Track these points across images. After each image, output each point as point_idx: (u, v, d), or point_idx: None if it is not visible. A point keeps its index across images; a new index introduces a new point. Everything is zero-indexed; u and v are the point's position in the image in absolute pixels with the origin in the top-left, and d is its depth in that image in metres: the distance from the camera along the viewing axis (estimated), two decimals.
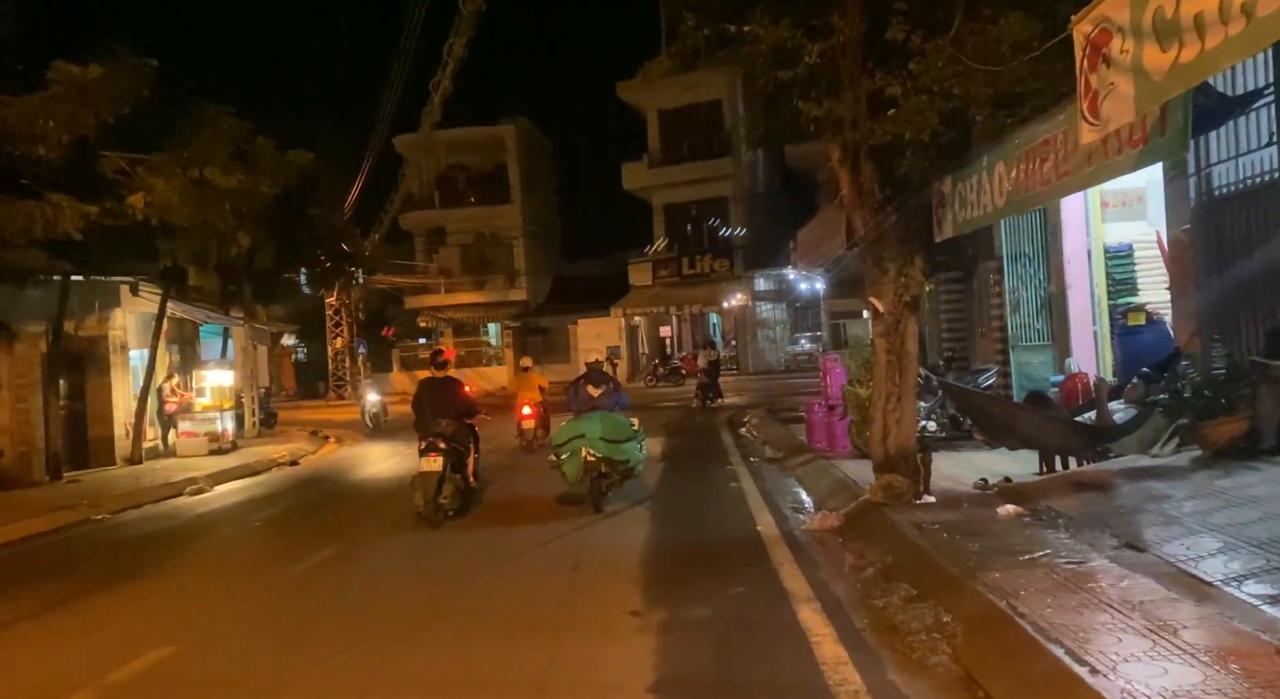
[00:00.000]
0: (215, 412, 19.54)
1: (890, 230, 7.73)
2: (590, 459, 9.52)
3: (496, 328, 46.31)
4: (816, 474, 10.68)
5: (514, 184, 43.69)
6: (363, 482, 14.38)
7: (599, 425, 9.73)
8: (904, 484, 7.90)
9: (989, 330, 14.22)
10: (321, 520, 10.71)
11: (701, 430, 18.64)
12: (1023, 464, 9.58)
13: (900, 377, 7.95)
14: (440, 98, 18.98)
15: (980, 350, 14.88)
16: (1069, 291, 10.60)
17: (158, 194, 12.35)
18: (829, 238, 9.42)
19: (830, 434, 12.00)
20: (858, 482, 9.45)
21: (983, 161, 6.55)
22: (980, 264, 14.45)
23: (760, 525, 8.41)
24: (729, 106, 39.72)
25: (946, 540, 6.51)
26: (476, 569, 7.51)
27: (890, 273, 7.81)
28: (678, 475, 12.20)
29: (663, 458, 14.25)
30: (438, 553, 8.43)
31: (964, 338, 15.59)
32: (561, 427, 10.32)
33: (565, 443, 9.79)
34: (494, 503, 10.64)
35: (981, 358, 14.82)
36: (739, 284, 38.71)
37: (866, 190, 7.71)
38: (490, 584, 6.99)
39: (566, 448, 9.74)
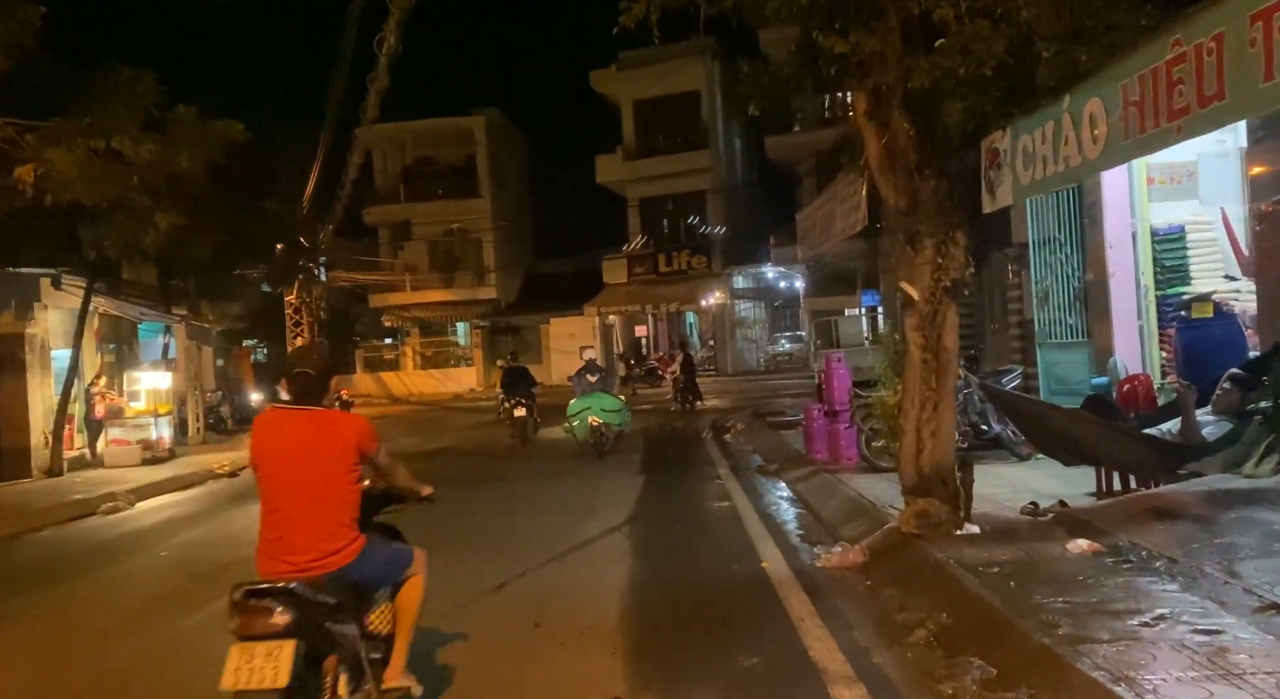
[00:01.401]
0: (149, 417, 17.80)
1: (928, 199, 6.27)
2: (594, 423, 13.87)
3: (465, 327, 44.58)
4: (822, 491, 9.20)
5: (483, 177, 42.04)
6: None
7: (599, 401, 14.11)
8: (942, 511, 6.44)
9: (1003, 326, 12.84)
10: (238, 549, 9.08)
11: (684, 437, 17.15)
12: (1066, 482, 8.15)
13: (937, 379, 6.48)
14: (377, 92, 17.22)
15: (993, 349, 13.51)
16: (1110, 281, 9.21)
17: (54, 166, 10.69)
18: (842, 215, 8.05)
19: (834, 443, 10.55)
20: (875, 503, 7.99)
21: (1062, 103, 5.13)
22: (993, 252, 13.05)
23: (765, 560, 6.91)
24: (706, 97, 38.34)
25: (1016, 591, 5.04)
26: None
27: (926, 251, 6.35)
28: (661, 492, 10.69)
29: (642, 469, 12.75)
30: None
31: (973, 335, 14.18)
32: (572, 402, 14.30)
33: (576, 413, 14.01)
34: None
35: (994, 357, 13.43)
36: (717, 282, 37.32)
37: (900, 149, 6.24)
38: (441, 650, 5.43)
39: (577, 417, 13.97)
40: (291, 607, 3.42)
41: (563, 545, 7.78)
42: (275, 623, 3.39)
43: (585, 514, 9.24)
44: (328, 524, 3.72)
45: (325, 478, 3.74)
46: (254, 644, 3.37)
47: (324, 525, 3.71)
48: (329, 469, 3.75)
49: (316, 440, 3.75)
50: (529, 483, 11.99)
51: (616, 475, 12.00)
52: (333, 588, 3.66)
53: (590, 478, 11.71)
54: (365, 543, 3.84)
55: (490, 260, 42.48)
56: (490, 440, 18.00)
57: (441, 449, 17.72)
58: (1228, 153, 9.08)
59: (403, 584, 4.09)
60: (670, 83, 37.78)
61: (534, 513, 9.60)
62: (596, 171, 39.03)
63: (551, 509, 9.69)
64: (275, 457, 3.77)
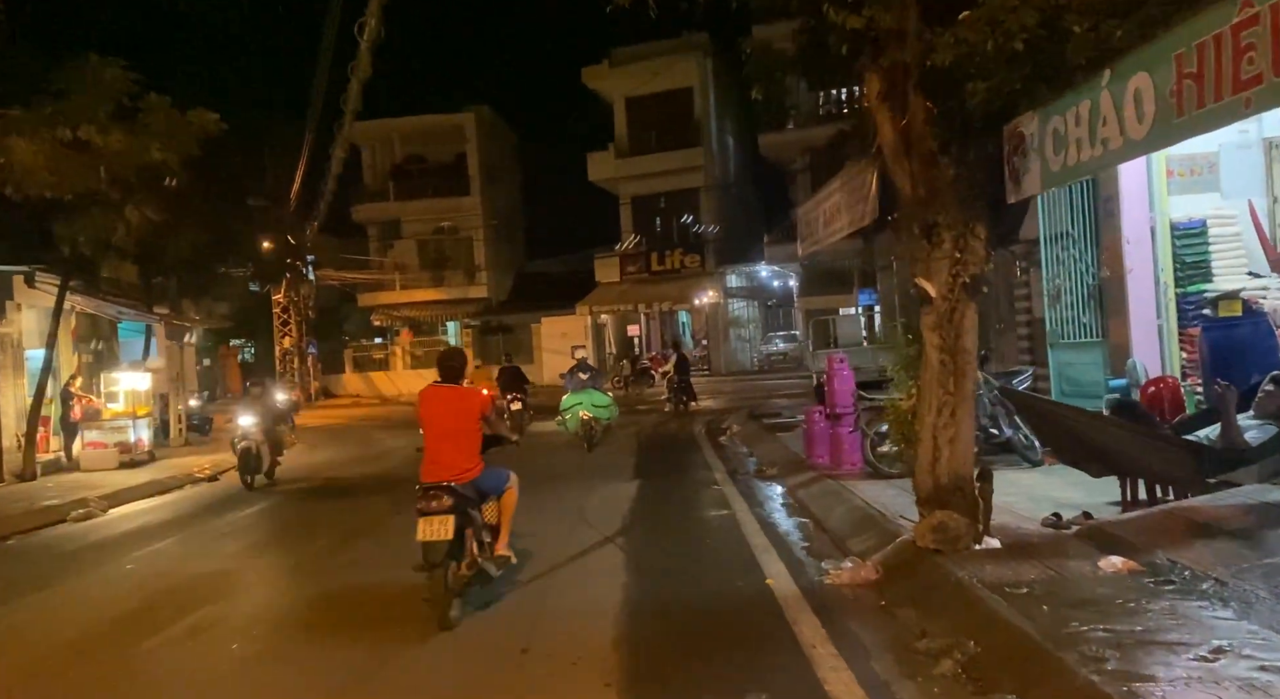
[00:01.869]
0: (128, 419, 17.25)
1: (946, 188, 5.81)
2: (585, 417, 14.87)
3: (456, 326, 44.04)
4: (826, 499, 8.74)
5: (474, 175, 41.52)
6: (288, 504, 12.22)
7: (589, 397, 15.08)
8: (960, 524, 5.98)
9: (1010, 326, 12.40)
10: (208, 561, 8.59)
11: (677, 440, 16.67)
12: (1085, 490, 7.71)
13: (955, 382, 6.03)
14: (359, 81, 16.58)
15: (999, 349, 13.07)
16: (1128, 278, 8.76)
17: (16, 156, 10.14)
18: (848, 208, 7.59)
19: (836, 448, 10.10)
20: (884, 513, 7.54)
21: (1101, 80, 4.67)
22: (999, 249, 12.60)
23: (770, 576, 6.44)
24: (699, 94, 37.88)
25: (1050, 616, 4.58)
26: (386, 655, 5.46)
27: (944, 245, 5.89)
28: (656, 499, 10.20)
29: (636, 474, 12.28)
30: (342, 611, 6.38)
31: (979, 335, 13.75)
32: (564, 398, 15.32)
33: (568, 408, 15.06)
34: None
35: (1000, 357, 12.99)
36: (710, 281, 36.86)
37: (917, 134, 5.77)
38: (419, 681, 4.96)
39: (569, 411, 15.00)
40: (449, 495, 5.78)
41: (553, 559, 7.31)
42: (443, 503, 5.75)
43: (577, 523, 8.77)
44: (463, 454, 6.09)
45: (461, 426, 6.13)
46: (431, 517, 5.71)
47: (461, 454, 6.08)
48: (464, 422, 6.14)
49: (457, 404, 6.17)
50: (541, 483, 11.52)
51: (609, 481, 11.52)
52: (460, 492, 5.88)
53: (582, 483, 11.23)
54: (484, 466, 6.23)
55: (481, 259, 41.97)
56: None
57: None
58: (1251, 144, 8.67)
59: (504, 492, 6.42)
60: (663, 79, 37.32)
61: (522, 521, 9.10)
62: (588, 169, 38.52)
63: (541, 517, 9.19)
64: (434, 413, 6.15)
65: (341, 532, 9.55)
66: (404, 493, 8.65)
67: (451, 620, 5.63)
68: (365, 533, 9.38)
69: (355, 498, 12.08)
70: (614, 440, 16.38)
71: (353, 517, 10.38)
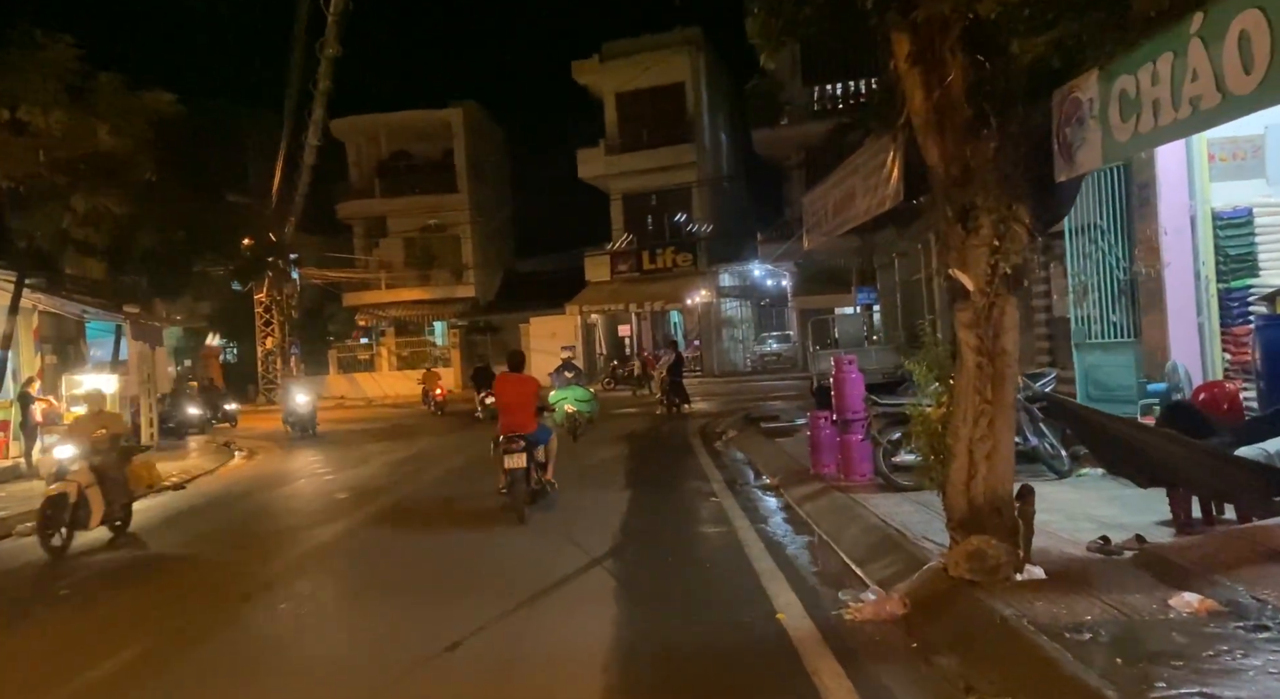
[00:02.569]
0: None
1: (985, 165, 5.03)
2: (570, 410, 16.38)
3: (442, 326, 43.17)
4: (837, 515, 7.95)
5: (461, 172, 40.72)
6: (243, 520, 11.36)
7: (573, 393, 16.73)
8: (1000, 551, 5.20)
9: (1027, 325, 11.64)
10: (148, 584, 7.77)
11: (671, 445, 15.88)
12: (1125, 506, 6.98)
13: (994, 388, 5.25)
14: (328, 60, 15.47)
15: None
16: (1165, 272, 8.00)
17: None
18: (865, 193, 6.83)
19: (845, 457, 9.31)
20: (904, 532, 6.76)
21: (1188, 26, 3.88)
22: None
23: (780, 609, 5.64)
24: (691, 90, 37.12)
25: (1127, 673, 3.79)
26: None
27: (983, 230, 5.11)
28: (649, 513, 9.39)
29: (628, 483, 11.47)
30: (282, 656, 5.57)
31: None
32: (552, 393, 15.90)
33: (555, 402, 15.73)
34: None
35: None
36: (703, 280, 36.12)
37: (953, 101, 4.99)
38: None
39: (556, 404, 15.73)
40: (522, 440, 9.15)
41: (533, 586, 6.50)
42: (518, 446, 9.11)
43: (562, 541, 7.96)
44: (527, 416, 9.49)
45: (525, 400, 9.55)
46: (512, 453, 9.08)
47: (526, 417, 9.46)
48: (527, 397, 9.58)
49: (521, 387, 9.66)
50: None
51: (599, 490, 10.72)
52: (528, 439, 9.25)
53: (570, 493, 10.44)
54: (539, 424, 9.72)
55: (468, 257, 41.14)
56: (460, 446, 16.71)
57: (411, 456, 16.39)
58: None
59: (549, 441, 9.93)
60: (654, 74, 36.58)
61: (501, 540, 8.31)
62: (578, 166, 37.74)
63: (523, 535, 8.40)
64: (506, 391, 9.66)
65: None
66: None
67: (524, 517, 8.90)
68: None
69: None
70: (604, 444, 15.61)
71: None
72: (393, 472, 14.44)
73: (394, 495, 11.77)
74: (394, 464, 15.36)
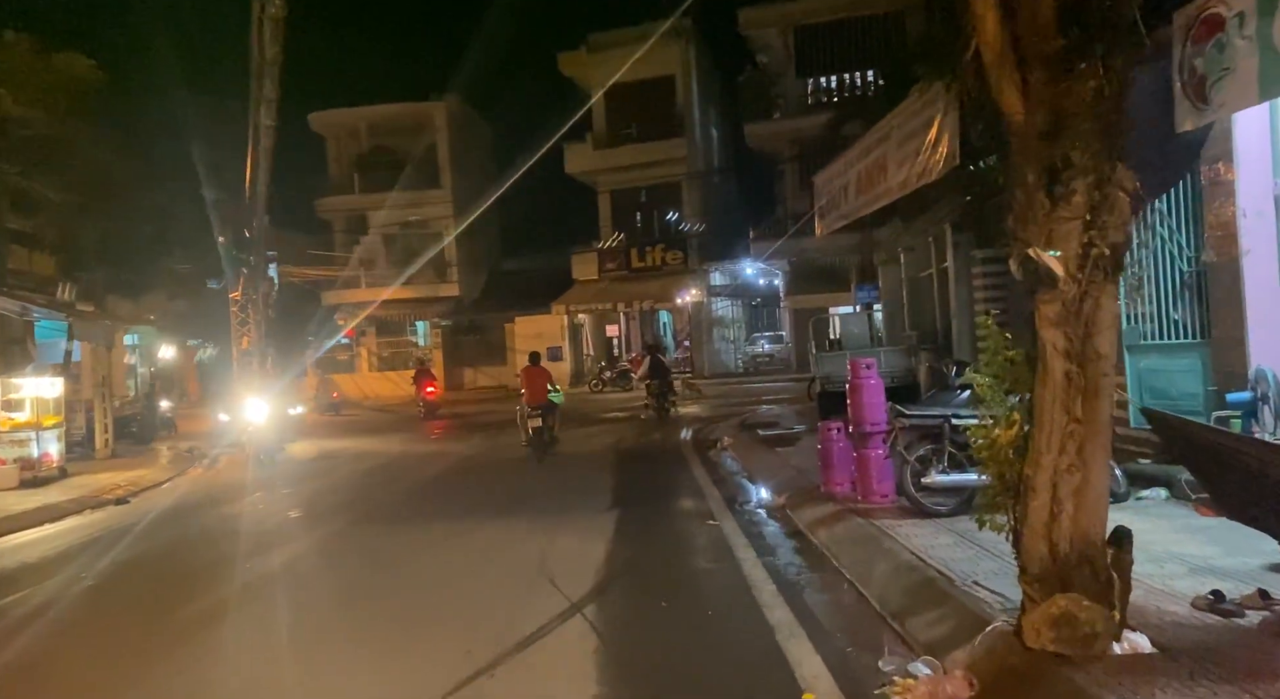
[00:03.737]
0: (30, 431, 15.06)
1: (1082, 111, 3.83)
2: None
3: (425, 326, 41.85)
4: (860, 547, 6.74)
5: (444, 167, 39.45)
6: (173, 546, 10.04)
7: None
8: (1094, 615, 4.01)
9: None
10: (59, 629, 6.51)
11: (661, 455, 14.66)
12: (1210, 539, 5.83)
13: (1086, 403, 4.05)
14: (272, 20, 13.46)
15: None
16: (1243, 261, 6.83)
17: None
18: (900, 163, 5.65)
19: (862, 475, 8.10)
20: (948, 573, 5.55)
21: None
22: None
23: (808, 686, 4.43)
24: (682, 83, 35.92)
25: None
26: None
27: (1075, 198, 3.92)
28: (637, 542, 8.13)
29: (613, 500, 10.24)
30: None
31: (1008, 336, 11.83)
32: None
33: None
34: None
35: None
36: (693, 278, 34.93)
37: (1040, 27, 3.79)
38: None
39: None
40: (540, 408, 14.63)
41: (498, 643, 5.27)
42: (538, 412, 14.57)
43: (535, 581, 6.73)
44: (542, 393, 14.79)
45: (542, 383, 14.96)
46: (533, 417, 14.48)
47: (542, 394, 14.79)
48: (544, 381, 15.01)
49: (540, 375, 15.09)
50: (464, 522, 9.45)
51: (580, 511, 9.49)
52: (544, 409, 14.70)
53: (547, 514, 9.22)
54: (550, 398, 15.01)
55: (452, 256, 39.81)
56: (440, 452, 15.49)
57: (377, 467, 15.13)
58: None
59: (556, 411, 15.24)
60: (643, 67, 35.24)
61: (464, 576, 7.08)
62: (565, 161, 36.46)
63: (490, 568, 7.18)
64: (531, 378, 15.02)
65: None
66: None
67: (541, 462, 13.41)
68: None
69: None
70: (589, 453, 14.40)
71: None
72: (357, 484, 13.20)
73: (351, 514, 10.52)
74: (360, 475, 14.11)
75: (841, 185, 7.67)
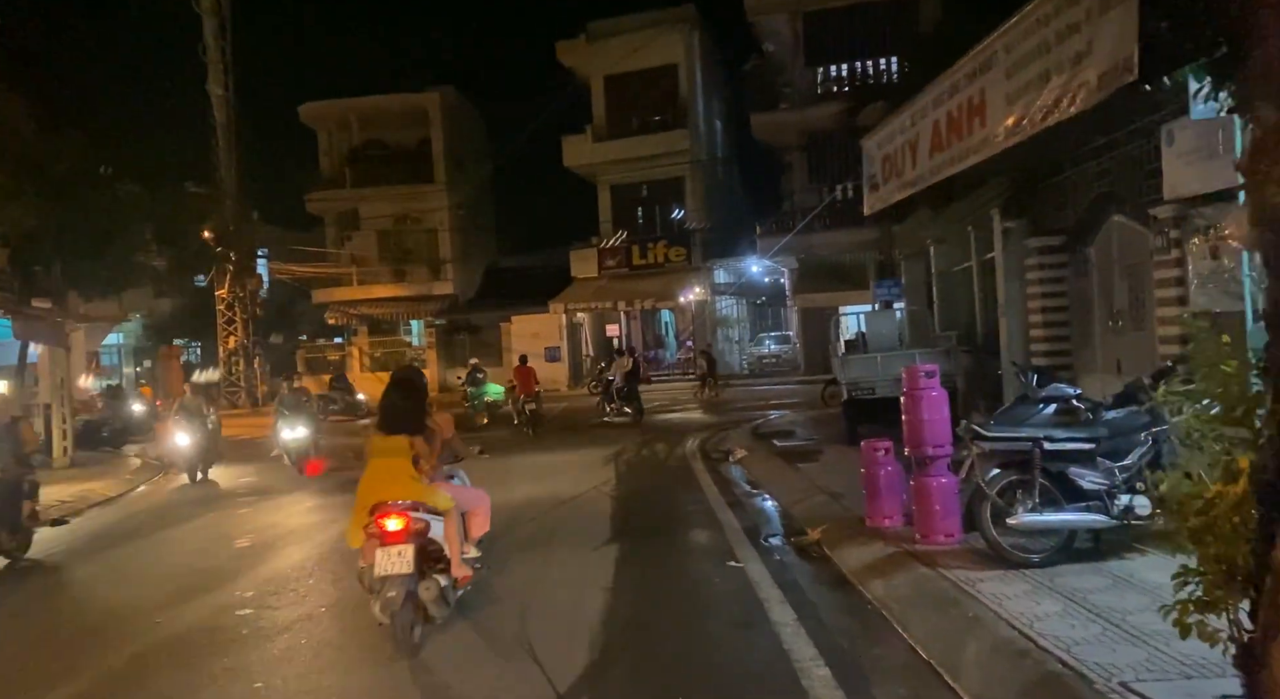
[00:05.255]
0: None
1: None
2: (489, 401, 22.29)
3: (419, 326, 40.37)
4: (936, 614, 5.19)
5: (438, 161, 38.01)
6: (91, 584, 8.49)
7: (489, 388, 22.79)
8: None
9: (1134, 323, 8.98)
10: None
11: (666, 467, 13.13)
12: None
13: None
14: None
15: (1103, 354, 9.66)
16: None
17: None
18: (1019, 93, 4.18)
19: (921, 508, 6.55)
20: (1074, 664, 4.03)
21: None
22: (1112, 218, 9.17)
23: None
24: (685, 72, 34.41)
25: None
26: None
27: None
28: (641, 595, 6.50)
29: (612, 532, 8.66)
30: None
31: (1069, 335, 10.31)
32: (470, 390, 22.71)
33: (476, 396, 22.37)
34: None
35: (1106, 365, 9.57)
36: (696, 276, 33.43)
37: None
38: None
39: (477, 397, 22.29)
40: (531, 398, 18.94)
41: None
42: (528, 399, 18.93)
43: (510, 655, 5.19)
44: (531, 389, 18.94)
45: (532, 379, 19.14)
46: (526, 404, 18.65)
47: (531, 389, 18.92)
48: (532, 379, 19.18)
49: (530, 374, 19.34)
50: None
51: (570, 549, 7.93)
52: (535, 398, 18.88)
53: (530, 555, 7.69)
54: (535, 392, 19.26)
55: (447, 252, 38.35)
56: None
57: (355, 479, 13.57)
58: None
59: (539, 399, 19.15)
60: (645, 56, 33.94)
61: (424, 649, 5.52)
62: (564, 154, 34.98)
63: (454, 638, 5.64)
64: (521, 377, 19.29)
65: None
66: None
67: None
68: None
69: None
70: (584, 466, 12.87)
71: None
72: (324, 501, 11.68)
73: (308, 544, 8.99)
74: (330, 490, 12.58)
75: (904, 144, 6.14)
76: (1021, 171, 9.70)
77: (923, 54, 15.66)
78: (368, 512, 5.44)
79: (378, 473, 5.61)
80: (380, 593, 5.14)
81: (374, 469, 5.65)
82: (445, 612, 5.46)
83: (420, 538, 5.35)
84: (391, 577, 5.14)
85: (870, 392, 11.94)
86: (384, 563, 5.18)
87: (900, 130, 6.37)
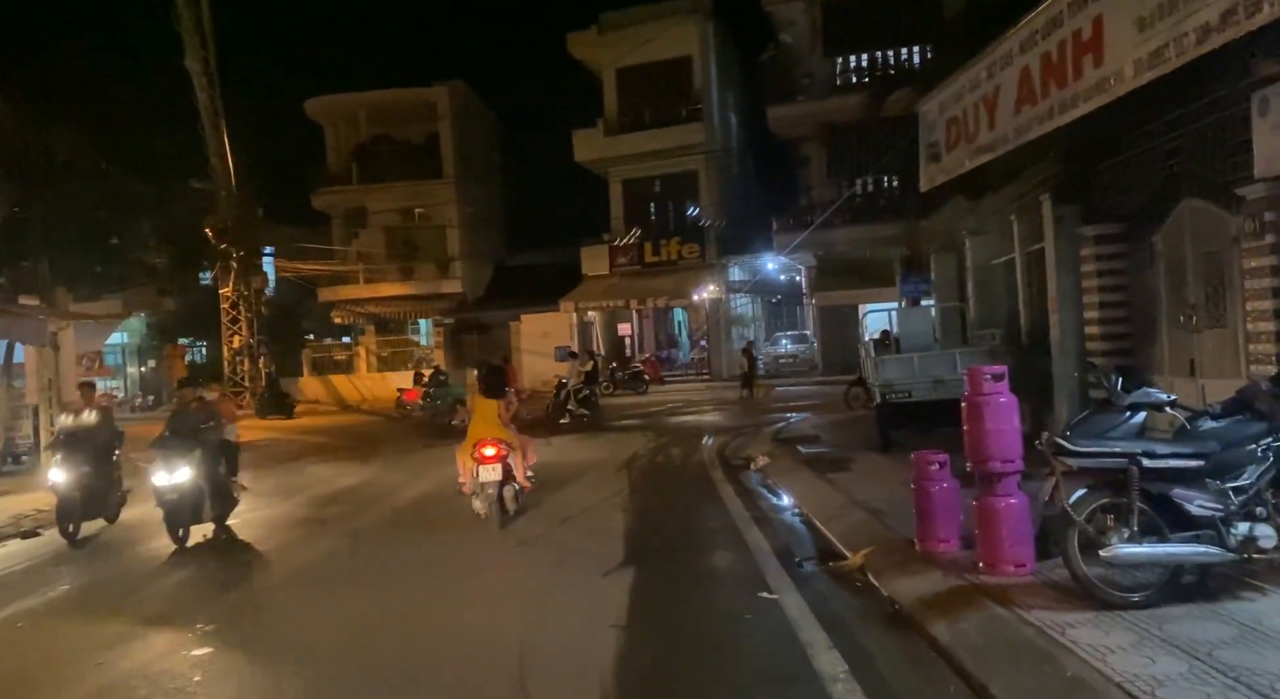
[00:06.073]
0: None
1: None
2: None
3: (427, 325, 39.59)
4: (1023, 670, 4.23)
5: (447, 156, 37.24)
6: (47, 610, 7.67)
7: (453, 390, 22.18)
8: None
9: (1210, 316, 8.01)
10: None
11: (684, 477, 12.19)
12: None
13: None
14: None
15: (1171, 354, 8.68)
16: None
17: None
18: (1142, 20, 3.31)
19: (988, 532, 5.59)
20: None
21: None
22: (1185, 201, 8.20)
23: None
24: (699, 64, 33.43)
25: None
26: None
27: None
28: (661, 635, 5.55)
29: (624, 556, 7.67)
30: None
31: (1129, 333, 9.34)
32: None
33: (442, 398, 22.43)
34: None
35: (1176, 367, 8.59)
36: (710, 273, 32.46)
37: None
38: None
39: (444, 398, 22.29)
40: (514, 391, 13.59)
41: None
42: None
43: None
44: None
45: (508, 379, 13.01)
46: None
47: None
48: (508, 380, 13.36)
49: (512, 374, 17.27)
50: (431, 582, 7.02)
51: (579, 573, 7.00)
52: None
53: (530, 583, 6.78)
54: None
55: (455, 250, 37.54)
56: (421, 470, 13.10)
57: (349, 489, 12.74)
58: None
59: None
60: (658, 47, 33.00)
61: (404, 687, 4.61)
62: (574, 149, 34.05)
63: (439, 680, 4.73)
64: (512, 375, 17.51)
65: None
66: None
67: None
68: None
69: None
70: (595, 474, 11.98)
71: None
72: (311, 514, 10.81)
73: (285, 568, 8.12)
74: (321, 501, 11.72)
75: (977, 102, 5.18)
76: (1080, 150, 8.74)
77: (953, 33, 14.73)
78: (472, 444, 8.77)
79: (480, 420, 9.02)
80: (482, 492, 8.66)
81: (477, 417, 9.10)
82: (518, 505, 9.00)
83: (503, 460, 8.72)
84: (489, 482, 8.69)
85: (906, 395, 10.97)
86: (485, 474, 8.68)
87: (971, 86, 5.43)
